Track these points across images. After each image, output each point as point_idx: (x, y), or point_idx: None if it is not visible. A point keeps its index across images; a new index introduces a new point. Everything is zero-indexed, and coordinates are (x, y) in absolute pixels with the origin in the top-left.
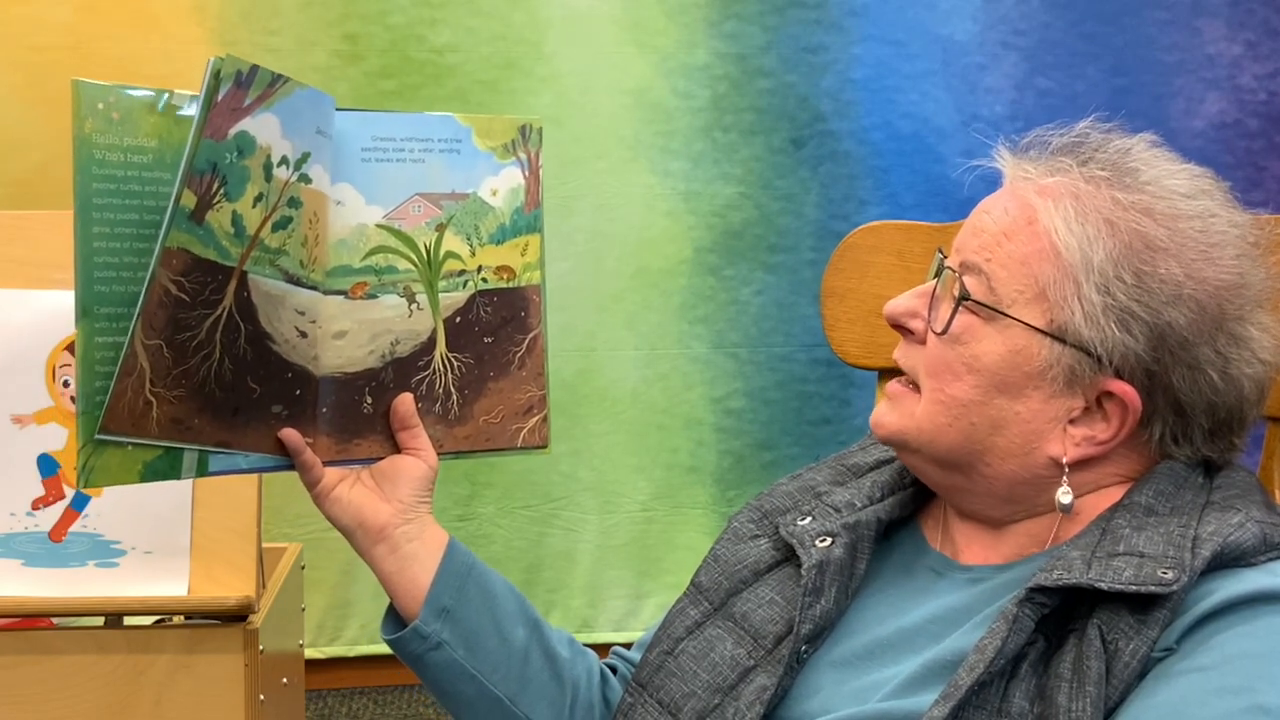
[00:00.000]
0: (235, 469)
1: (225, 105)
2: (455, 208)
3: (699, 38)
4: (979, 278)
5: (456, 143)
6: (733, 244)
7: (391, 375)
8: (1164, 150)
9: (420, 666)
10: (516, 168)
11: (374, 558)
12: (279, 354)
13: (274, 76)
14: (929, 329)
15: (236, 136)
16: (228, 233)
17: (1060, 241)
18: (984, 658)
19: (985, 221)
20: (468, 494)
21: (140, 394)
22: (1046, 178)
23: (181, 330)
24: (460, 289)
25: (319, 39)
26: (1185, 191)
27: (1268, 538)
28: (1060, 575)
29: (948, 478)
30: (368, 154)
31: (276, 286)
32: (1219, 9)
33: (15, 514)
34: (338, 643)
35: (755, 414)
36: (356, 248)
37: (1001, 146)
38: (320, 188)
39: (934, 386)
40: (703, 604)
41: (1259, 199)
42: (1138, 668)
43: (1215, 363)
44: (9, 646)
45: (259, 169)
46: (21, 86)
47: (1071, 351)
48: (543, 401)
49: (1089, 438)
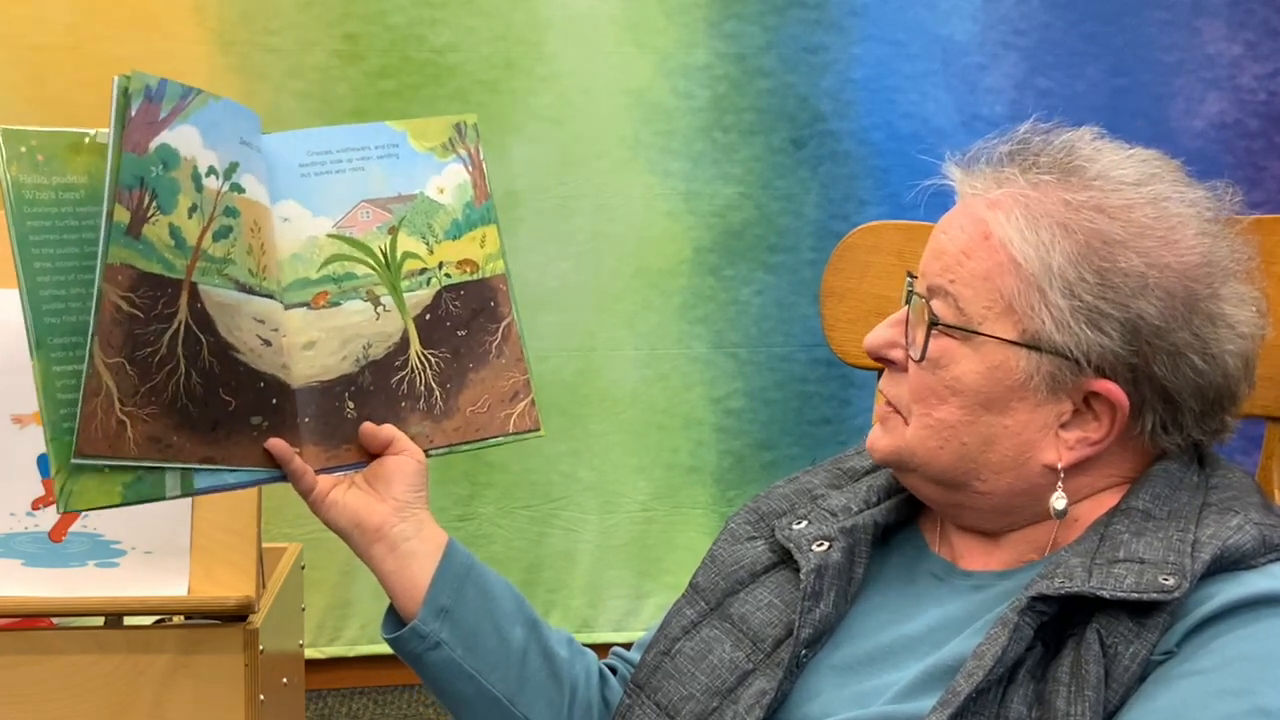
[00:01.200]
0: (224, 485)
1: (141, 119)
2: (404, 209)
3: (699, 38)
4: (945, 300)
5: (394, 147)
6: (733, 244)
7: (370, 378)
8: (1108, 140)
9: (419, 666)
10: (459, 164)
11: (372, 558)
12: (246, 363)
13: (185, 90)
14: (909, 359)
15: (158, 149)
16: (168, 245)
17: (1017, 252)
18: (982, 665)
19: (944, 242)
20: (468, 494)
21: (111, 414)
22: (994, 190)
23: (141, 346)
24: (424, 286)
25: (319, 39)
26: (1134, 179)
27: (1266, 539)
28: (1062, 583)
29: (946, 495)
30: (306, 169)
31: (229, 295)
32: (1219, 9)
33: (15, 514)
34: (338, 643)
35: (755, 414)
36: (311, 260)
37: (950, 163)
38: (256, 198)
39: (921, 412)
40: (699, 604)
41: (1259, 199)
42: (1137, 671)
43: (1194, 345)
44: (9, 646)
45: (188, 180)
46: (21, 86)
47: (1049, 359)
48: (527, 386)
49: (1083, 439)
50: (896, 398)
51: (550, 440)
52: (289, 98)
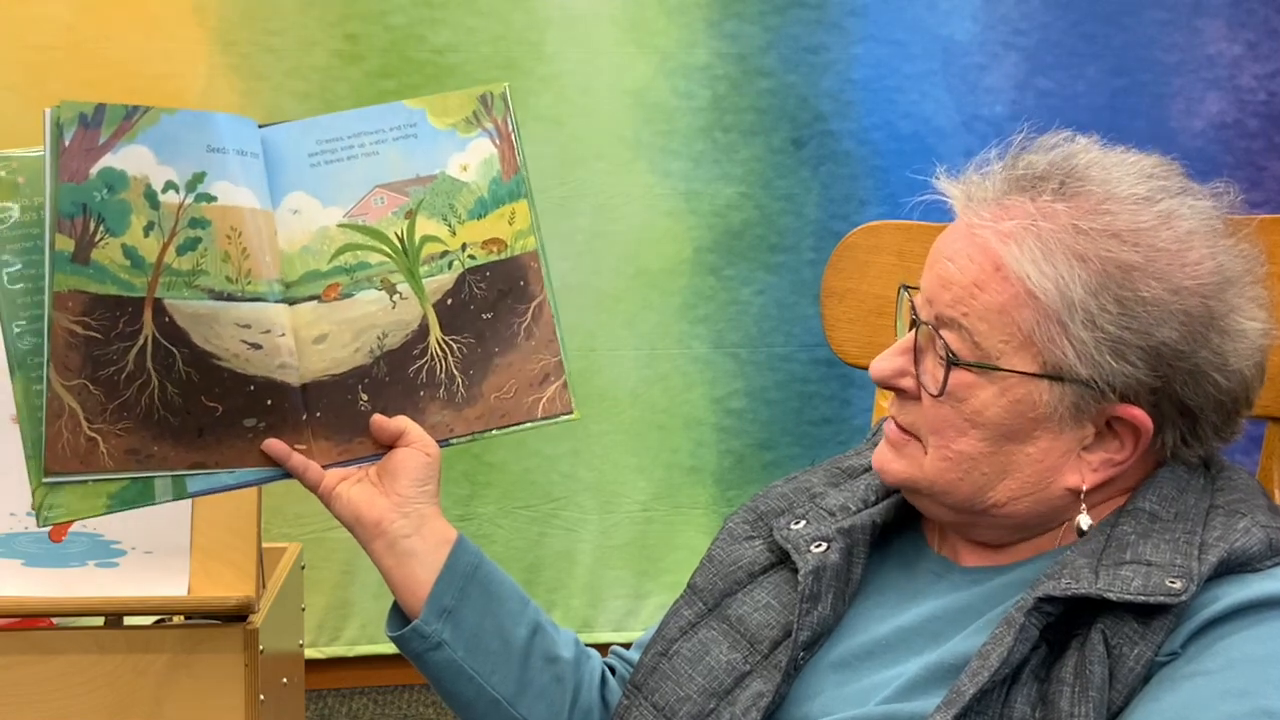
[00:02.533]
0: (220, 486)
1: (77, 148)
2: (423, 191)
3: (699, 38)
4: (960, 333)
5: (411, 127)
6: (733, 244)
7: (385, 369)
8: (1106, 150)
9: (421, 664)
10: (485, 138)
11: (373, 553)
12: (231, 369)
13: (129, 110)
14: (922, 388)
15: (101, 174)
16: (123, 265)
17: (1035, 286)
18: (987, 665)
19: (951, 271)
20: (468, 494)
21: (79, 433)
22: (1004, 220)
23: (103, 366)
24: (445, 271)
25: (319, 39)
26: (1143, 194)
27: (1273, 542)
28: (1069, 585)
29: (960, 518)
30: (315, 158)
31: (203, 306)
32: (1219, 9)
33: (15, 514)
34: (338, 643)
35: (755, 414)
36: (321, 251)
37: (945, 180)
38: (234, 202)
39: (939, 444)
40: (697, 604)
41: (1259, 199)
42: (1142, 673)
43: (1214, 362)
44: (9, 646)
45: (139, 199)
46: (21, 86)
47: (1072, 388)
48: (559, 368)
49: (1106, 460)
50: (912, 425)
51: (550, 440)
52: (289, 98)
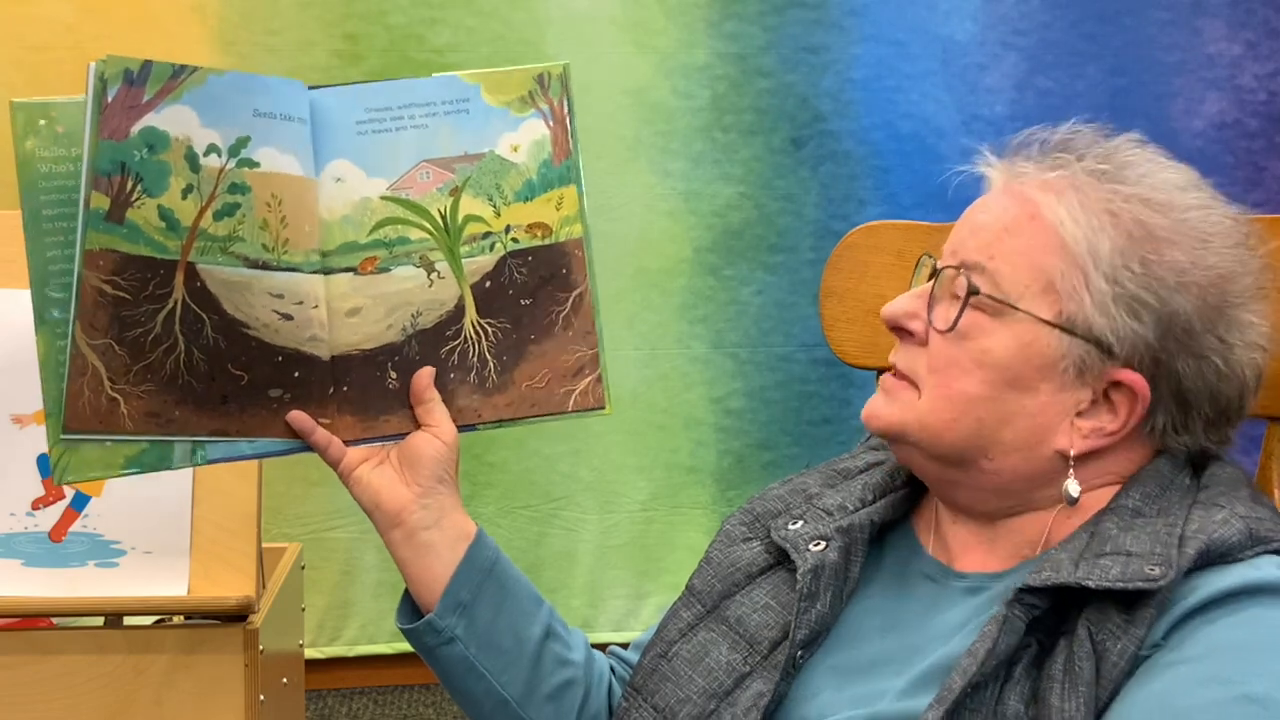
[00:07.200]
0: (239, 455)
1: (120, 105)
2: (470, 169)
3: (699, 38)
4: (983, 275)
5: (464, 102)
6: (733, 244)
7: (416, 348)
8: (1149, 148)
9: (431, 659)
10: (539, 119)
11: (390, 542)
12: (260, 339)
13: (175, 69)
14: (930, 329)
15: (142, 133)
16: (158, 227)
17: (1067, 234)
18: (975, 660)
19: (983, 219)
20: (468, 494)
21: (100, 393)
22: (1047, 173)
23: (130, 327)
24: (487, 252)
25: (319, 39)
26: (1180, 184)
27: (1254, 532)
28: (1049, 576)
29: (944, 473)
30: (363, 126)
31: (236, 273)
32: (1219, 9)
33: (15, 514)
34: (338, 643)
35: (755, 414)
36: (361, 223)
37: (988, 152)
38: (277, 169)
39: (938, 383)
40: (695, 606)
41: (1259, 199)
42: (1125, 667)
43: (1219, 350)
44: (9, 646)
45: (180, 161)
46: (21, 86)
47: (1081, 343)
48: (595, 361)
49: (1097, 429)
50: (910, 369)
51: (550, 440)
52: None
